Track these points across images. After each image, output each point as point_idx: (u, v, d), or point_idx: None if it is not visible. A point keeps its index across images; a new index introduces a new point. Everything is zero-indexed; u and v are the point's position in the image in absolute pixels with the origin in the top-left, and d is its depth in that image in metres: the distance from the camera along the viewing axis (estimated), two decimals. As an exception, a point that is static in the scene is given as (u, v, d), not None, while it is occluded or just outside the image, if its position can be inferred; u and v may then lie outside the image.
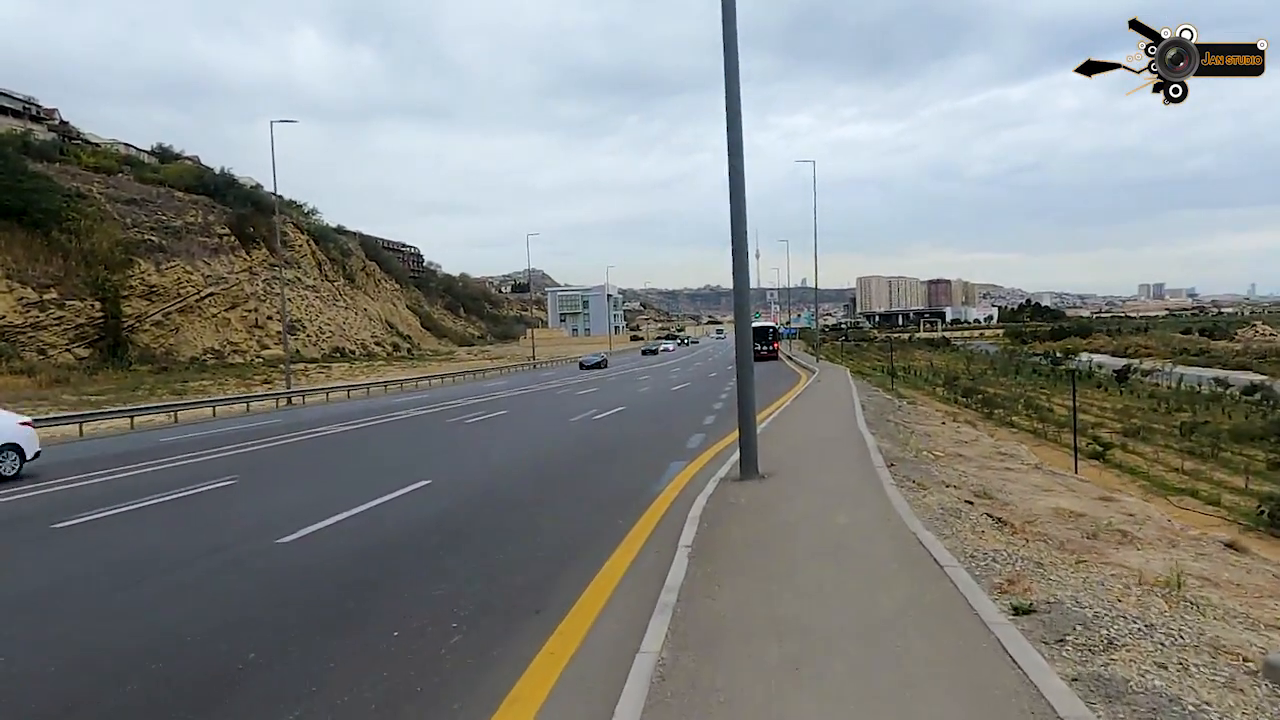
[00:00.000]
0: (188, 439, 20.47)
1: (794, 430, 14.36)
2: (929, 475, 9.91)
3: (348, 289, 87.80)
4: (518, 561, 7.20)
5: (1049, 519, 8.19)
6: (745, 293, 9.43)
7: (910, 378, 69.17)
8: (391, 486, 11.57)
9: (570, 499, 10.35)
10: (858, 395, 22.58)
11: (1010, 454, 14.19)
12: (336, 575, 7.08)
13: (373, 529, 9.03)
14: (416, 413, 25.89)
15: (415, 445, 17.52)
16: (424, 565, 7.27)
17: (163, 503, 11.17)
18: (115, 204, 68.32)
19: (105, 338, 59.33)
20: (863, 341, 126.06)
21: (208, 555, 8.03)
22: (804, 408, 20.07)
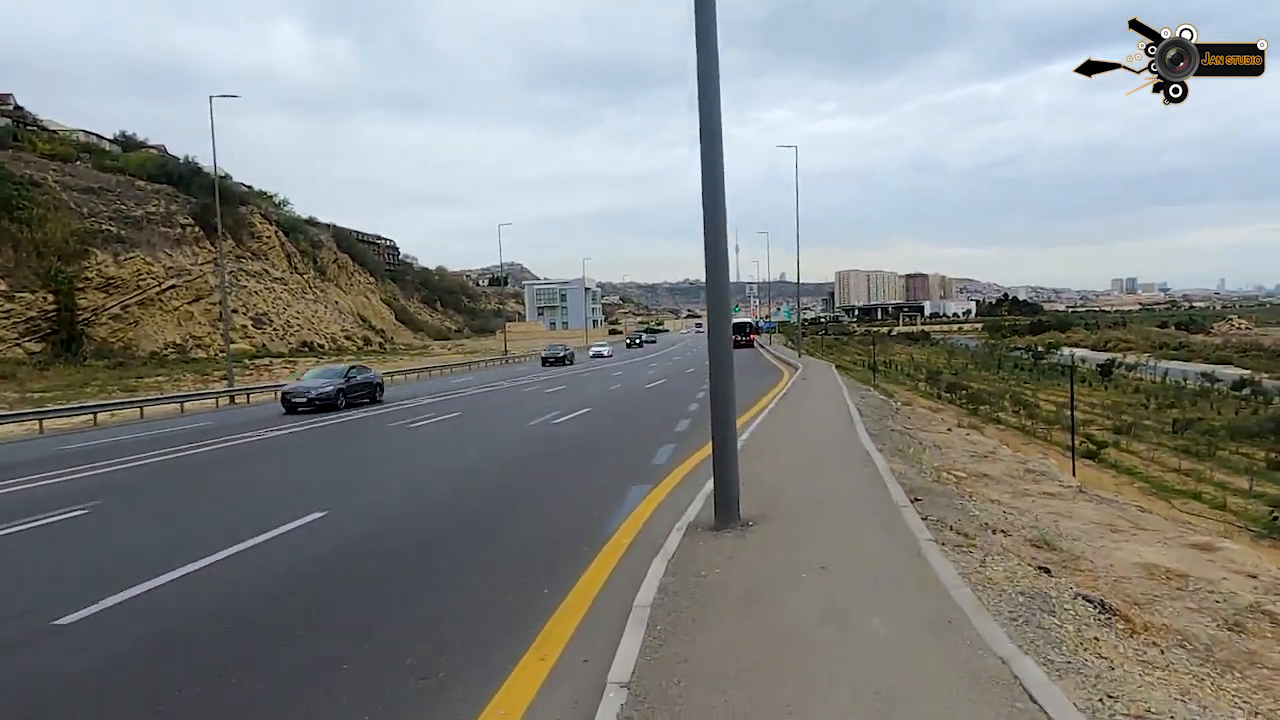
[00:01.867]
0: (85, 448, 17.61)
1: (783, 443, 11.76)
2: (967, 516, 7.35)
3: (318, 281, 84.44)
4: (351, 682, 4.56)
5: (1152, 589, 5.65)
6: (723, 275, 6.76)
7: (892, 372, 67.01)
8: (270, 522, 8.92)
9: (486, 547, 7.70)
10: (850, 397, 20.05)
11: (1041, 471, 11.71)
12: (97, 687, 4.42)
13: (197, 599, 6.36)
14: (360, 415, 23.07)
15: (334, 458, 14.78)
16: (230, 672, 4.61)
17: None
18: (72, 193, 64.71)
19: (58, 331, 55.95)
20: (843, 335, 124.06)
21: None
22: (791, 411, 17.47)
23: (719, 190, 6.64)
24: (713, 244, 6.57)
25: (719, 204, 6.59)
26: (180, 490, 12.09)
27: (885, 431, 13.79)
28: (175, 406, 29.73)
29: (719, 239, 6.66)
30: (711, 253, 6.67)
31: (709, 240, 6.65)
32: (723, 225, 6.61)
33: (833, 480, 8.60)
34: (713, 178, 6.63)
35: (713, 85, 6.67)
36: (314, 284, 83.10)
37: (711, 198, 6.51)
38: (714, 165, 6.55)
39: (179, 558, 7.46)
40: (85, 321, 58.79)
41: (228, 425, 21.60)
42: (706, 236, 6.69)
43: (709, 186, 6.66)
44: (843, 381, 27.46)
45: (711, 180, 6.53)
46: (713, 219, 6.51)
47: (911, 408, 20.71)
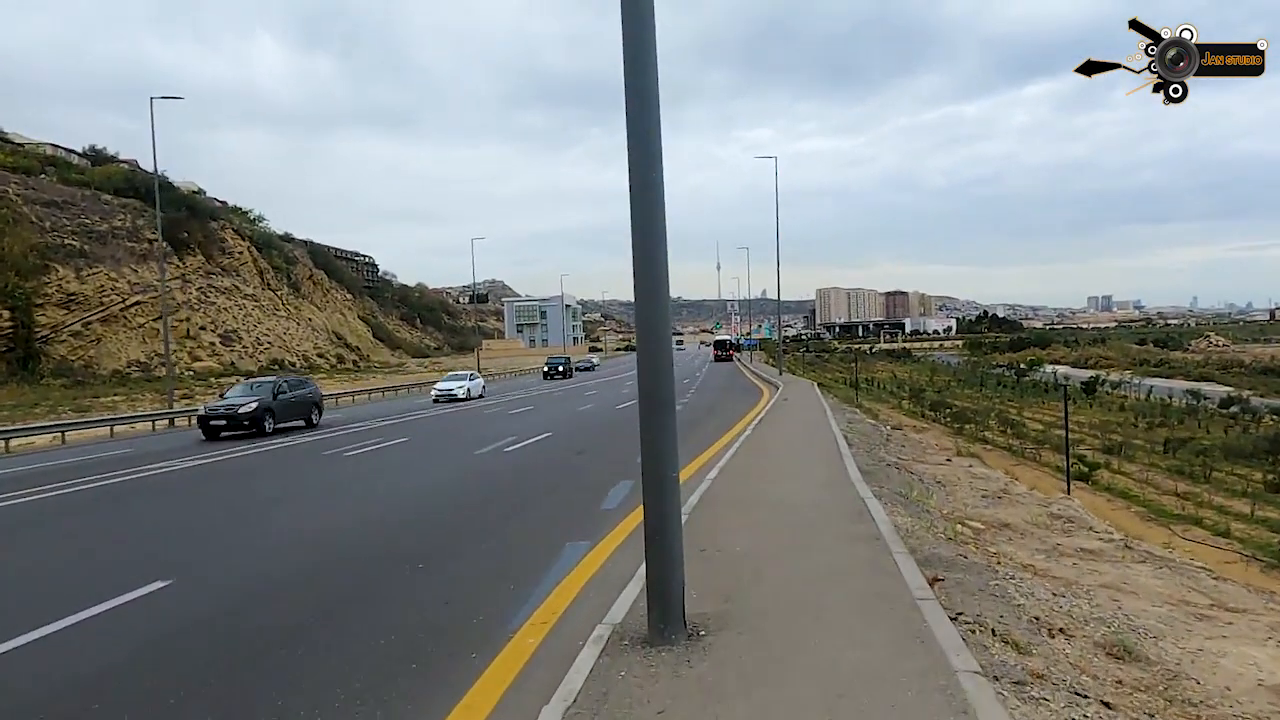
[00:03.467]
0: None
1: (758, 487, 9.47)
2: (1009, 606, 5.20)
3: (292, 298, 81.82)
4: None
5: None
6: (661, 290, 4.48)
7: (874, 390, 65.11)
8: (93, 595, 6.82)
9: (333, 650, 5.45)
10: (835, 421, 17.89)
11: (1068, 517, 9.62)
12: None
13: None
14: (290, 441, 20.69)
15: (226, 499, 12.46)
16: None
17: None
18: (33, 206, 62.01)
19: (14, 349, 53.20)
20: (824, 353, 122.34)
21: None
22: (770, 440, 15.28)
23: (655, 187, 4.43)
24: (648, 249, 4.35)
25: (655, 203, 4.37)
26: (10, 547, 9.71)
27: (879, 466, 11.63)
28: (106, 430, 27.17)
29: (656, 246, 4.45)
30: (645, 259, 4.47)
31: (641, 245, 4.45)
32: (660, 230, 4.39)
33: (821, 549, 6.39)
34: (647, 166, 4.43)
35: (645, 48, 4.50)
36: (287, 301, 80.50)
37: (646, 193, 4.25)
38: (648, 142, 4.31)
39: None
40: (44, 339, 56.05)
41: (145, 454, 19.17)
42: (637, 241, 4.50)
43: (641, 174, 4.46)
44: (826, 402, 25.34)
45: (645, 159, 4.27)
46: (647, 218, 4.27)
47: (903, 433, 18.60)
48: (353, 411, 33.32)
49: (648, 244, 4.43)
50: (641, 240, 4.44)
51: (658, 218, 4.44)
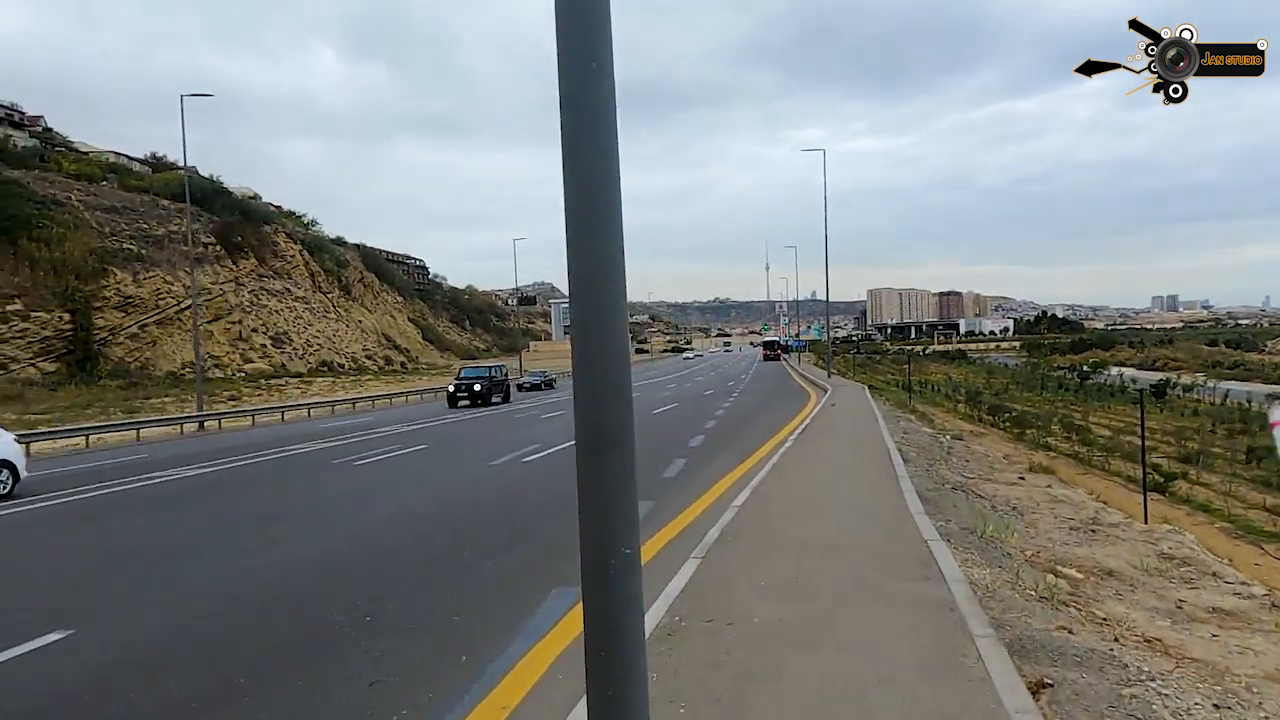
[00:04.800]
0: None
1: (791, 520, 7.53)
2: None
3: (342, 301, 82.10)
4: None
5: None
6: (613, 260, 2.84)
7: (928, 393, 62.13)
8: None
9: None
10: (888, 430, 15.89)
11: (1184, 558, 7.61)
12: None
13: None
14: (314, 447, 19.52)
15: (205, 514, 11.14)
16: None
17: None
18: (94, 212, 63.01)
19: (74, 351, 53.87)
20: (875, 354, 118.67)
21: None
22: (812, 455, 13.41)
23: (603, 81, 2.72)
24: (588, 195, 2.64)
25: (606, 122, 2.65)
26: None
27: (943, 490, 9.68)
28: (144, 432, 26.56)
29: (607, 185, 2.69)
30: (584, 210, 2.73)
31: (579, 188, 2.71)
32: (610, 155, 2.66)
33: (870, 622, 4.62)
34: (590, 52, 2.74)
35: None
36: (338, 303, 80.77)
37: (588, 96, 2.66)
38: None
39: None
40: (101, 341, 56.69)
41: (151, 462, 18.14)
42: (570, 180, 2.75)
43: (579, 67, 2.75)
44: (878, 408, 23.22)
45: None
46: (589, 128, 2.64)
47: (966, 444, 16.47)
48: (387, 414, 32.28)
49: (588, 185, 2.74)
50: (578, 182, 2.75)
51: (605, 129, 2.76)
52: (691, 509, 9.61)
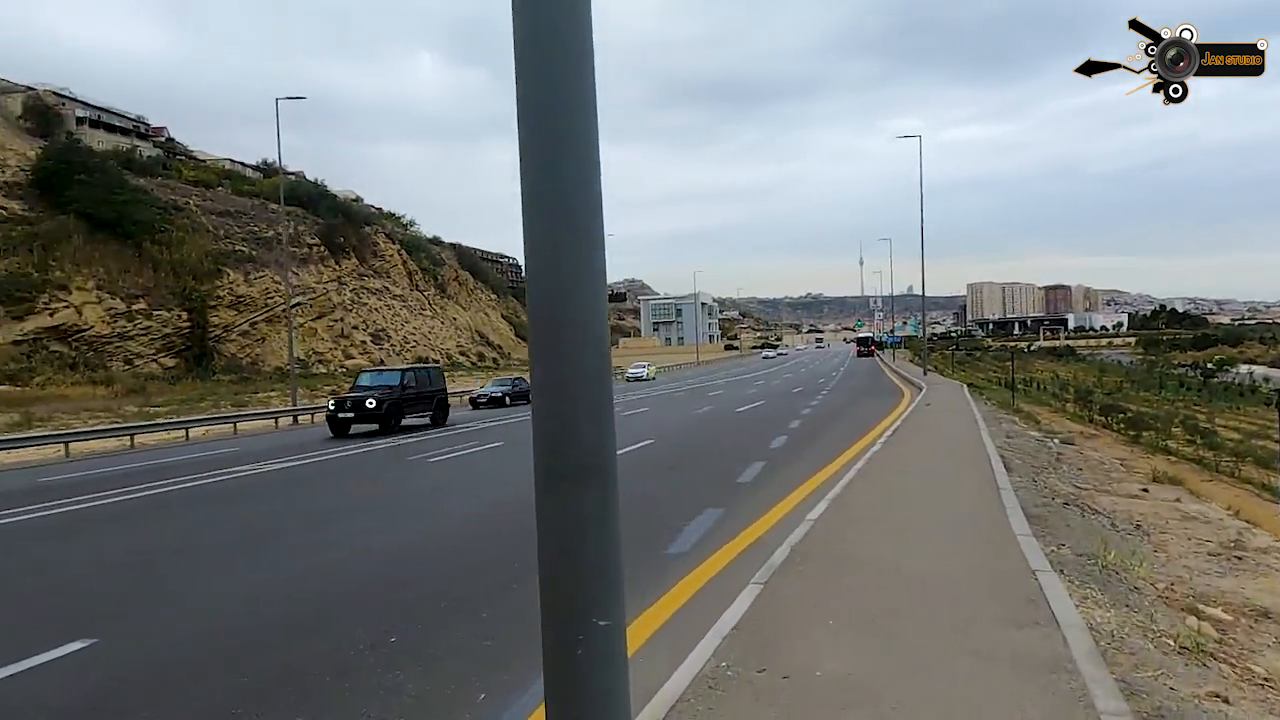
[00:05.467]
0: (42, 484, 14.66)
1: (872, 539, 6.50)
2: None
3: (438, 298, 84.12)
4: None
5: None
6: (590, 236, 2.08)
7: (1033, 392, 58.46)
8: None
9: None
10: (988, 431, 14.48)
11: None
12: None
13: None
14: (395, 442, 19.47)
15: (262, 513, 10.97)
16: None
17: None
18: (210, 216, 66.41)
19: (191, 347, 56.94)
20: (975, 351, 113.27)
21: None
22: (903, 460, 12.24)
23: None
24: (557, 150, 1.88)
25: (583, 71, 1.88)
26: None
27: (1052, 506, 8.42)
28: (255, 424, 27.51)
29: (584, 144, 1.92)
30: (548, 175, 1.96)
31: (536, 130, 1.94)
32: (588, 101, 1.89)
33: (962, 694, 3.64)
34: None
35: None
36: (434, 301, 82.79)
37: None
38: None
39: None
40: (216, 338, 59.69)
41: (235, 456, 18.44)
42: (526, 119, 1.97)
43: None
44: (977, 408, 21.54)
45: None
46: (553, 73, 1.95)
47: (1078, 450, 14.82)
48: (471, 411, 32.43)
49: (553, 129, 1.98)
50: (537, 121, 1.99)
51: (583, 73, 1.99)
52: (763, 520, 8.73)
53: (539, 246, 1.98)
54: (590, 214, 2.00)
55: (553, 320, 1.95)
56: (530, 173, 1.99)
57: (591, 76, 2.02)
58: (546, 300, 1.96)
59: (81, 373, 46.96)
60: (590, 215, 2.00)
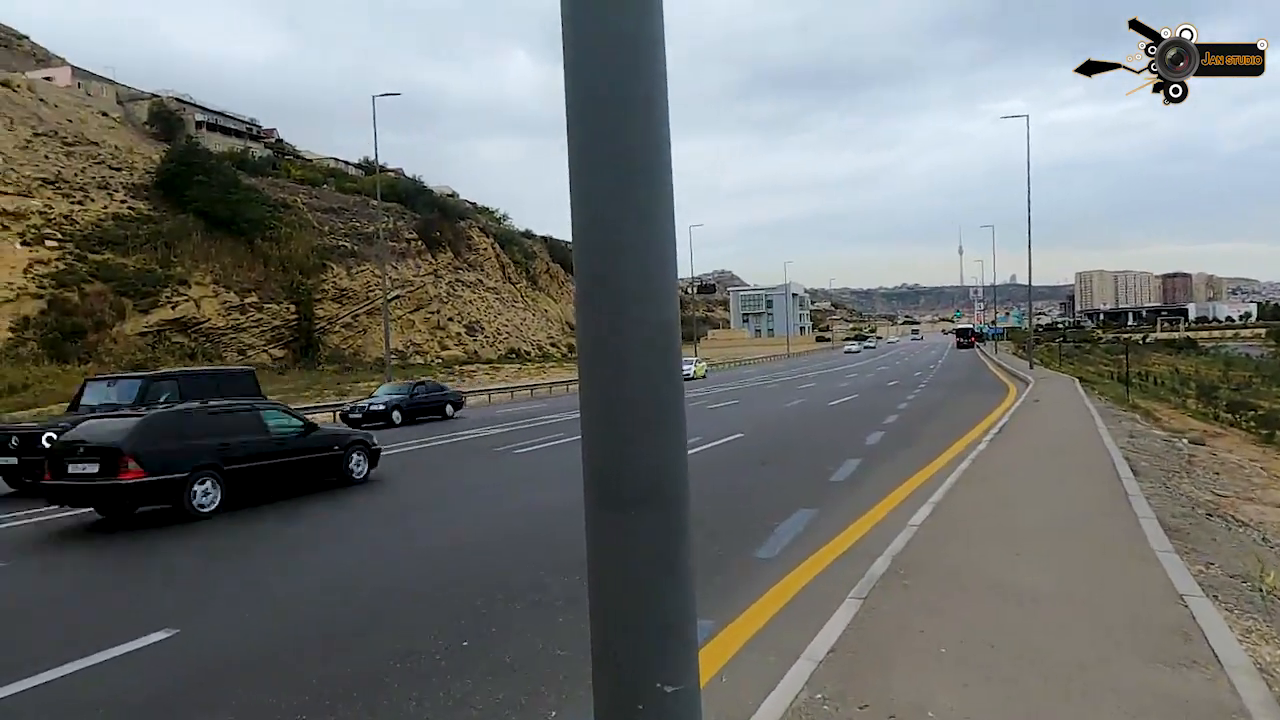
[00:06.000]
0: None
1: (983, 552, 5.69)
2: None
3: (529, 291, 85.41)
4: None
5: None
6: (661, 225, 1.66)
7: (1149, 386, 54.53)
8: (72, 648, 5.04)
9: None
10: (1106, 430, 13.27)
11: None
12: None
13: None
14: (486, 432, 19.61)
15: (356, 504, 11.02)
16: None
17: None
18: (315, 213, 69.23)
19: (298, 339, 59.52)
20: (1084, 343, 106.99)
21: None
22: (1012, 458, 11.32)
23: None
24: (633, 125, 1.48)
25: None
26: (75, 563, 8.69)
27: (1192, 516, 7.42)
28: (330, 415, 28.35)
29: (655, 122, 1.50)
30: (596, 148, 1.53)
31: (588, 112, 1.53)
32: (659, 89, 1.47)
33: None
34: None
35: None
36: (525, 293, 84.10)
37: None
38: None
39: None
40: (321, 330, 62.23)
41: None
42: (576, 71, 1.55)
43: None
44: (1092, 404, 20.02)
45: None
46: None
47: (1211, 451, 13.35)
48: (559, 401, 32.56)
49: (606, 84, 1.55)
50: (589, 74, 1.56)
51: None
52: (859, 524, 8.11)
53: (592, 227, 1.56)
54: (656, 192, 1.56)
55: (610, 315, 1.53)
56: (582, 140, 1.57)
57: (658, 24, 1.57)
58: (600, 291, 1.54)
59: (200, 362, 49.68)
60: (656, 194, 1.56)
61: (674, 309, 1.55)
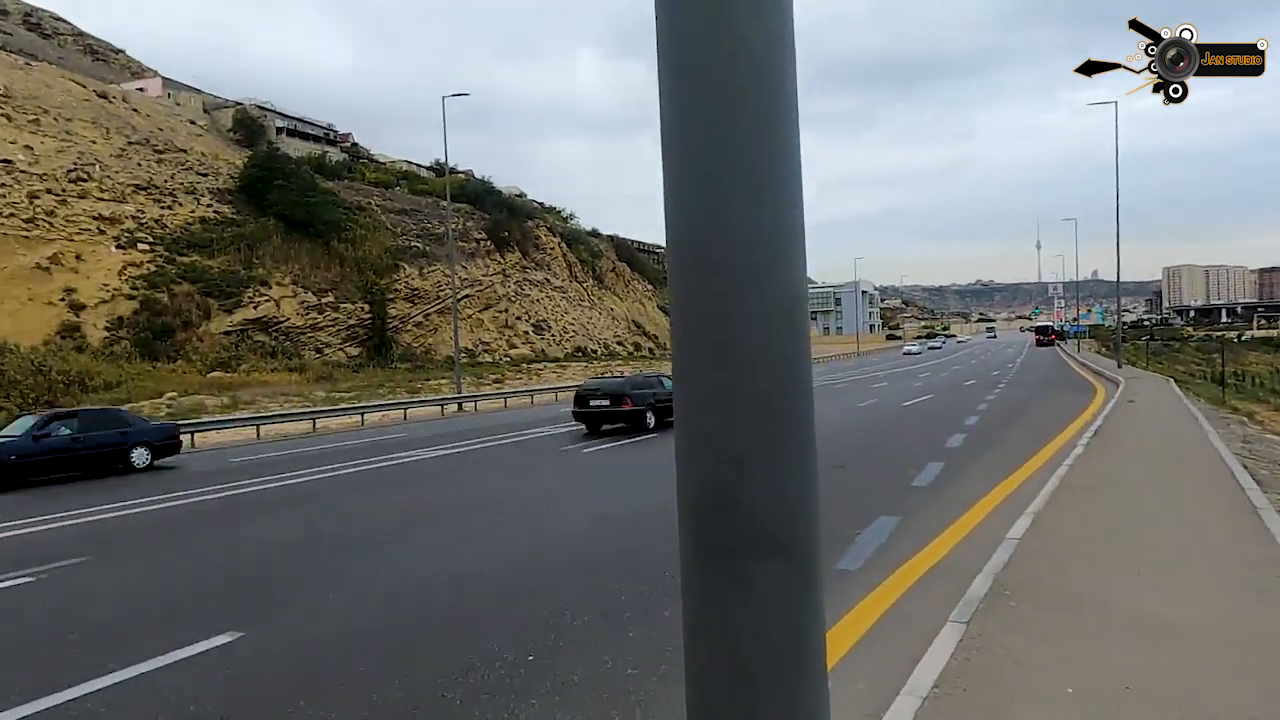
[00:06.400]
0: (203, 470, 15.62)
1: (1101, 571, 5.05)
2: None
3: (596, 290, 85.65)
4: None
5: None
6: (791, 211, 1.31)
7: (1246, 387, 51.21)
8: (142, 648, 4.99)
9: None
10: (1217, 435, 12.19)
11: None
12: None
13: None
14: (551, 430, 19.44)
15: (420, 501, 10.90)
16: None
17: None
18: (388, 214, 70.81)
19: (372, 337, 60.95)
20: (1173, 341, 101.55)
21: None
22: (1115, 464, 10.46)
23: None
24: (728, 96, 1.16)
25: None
26: (118, 565, 8.71)
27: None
28: (417, 411, 28.82)
29: (784, 80, 1.10)
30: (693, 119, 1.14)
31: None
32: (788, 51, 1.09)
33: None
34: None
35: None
36: (592, 292, 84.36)
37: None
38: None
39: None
40: (393, 329, 63.60)
41: (401, 442, 19.02)
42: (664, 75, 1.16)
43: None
44: (1194, 407, 18.68)
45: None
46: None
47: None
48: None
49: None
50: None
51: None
52: (948, 534, 7.53)
53: (693, 191, 1.17)
54: (782, 139, 1.16)
55: (716, 293, 1.13)
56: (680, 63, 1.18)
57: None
58: (699, 257, 1.14)
59: (279, 360, 51.26)
60: (782, 142, 1.16)
61: (801, 283, 1.15)
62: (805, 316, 1.17)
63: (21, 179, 44.77)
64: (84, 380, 34.17)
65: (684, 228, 1.14)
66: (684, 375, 1.13)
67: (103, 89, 59.13)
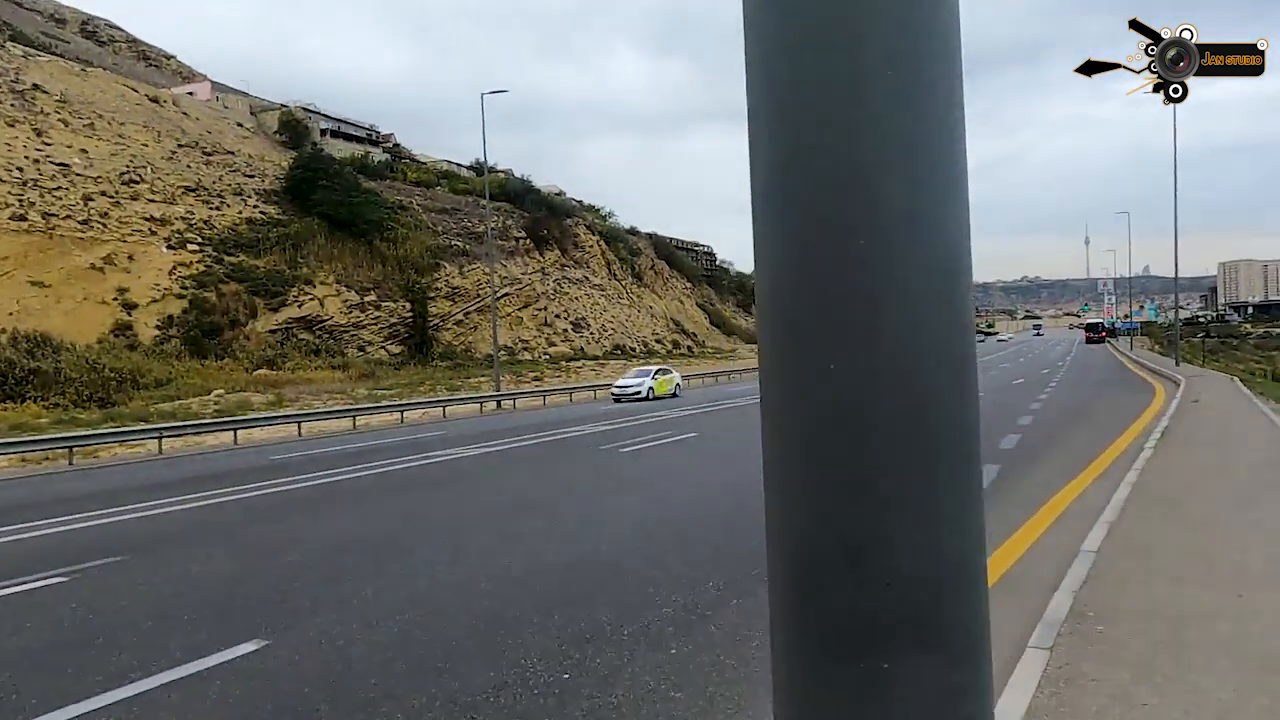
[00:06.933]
0: (236, 467, 15.59)
1: (1196, 592, 4.56)
2: None
3: (634, 287, 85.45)
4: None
5: None
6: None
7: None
8: (157, 659, 4.78)
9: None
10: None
11: None
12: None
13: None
14: (589, 429, 19.16)
15: (457, 502, 10.65)
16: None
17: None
18: (429, 213, 71.38)
19: (413, 336, 61.47)
20: (1230, 338, 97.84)
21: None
22: (1190, 469, 9.78)
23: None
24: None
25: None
26: (139, 567, 8.55)
27: None
28: (461, 408, 28.85)
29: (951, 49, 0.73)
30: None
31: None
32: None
33: None
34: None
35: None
36: (630, 290, 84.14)
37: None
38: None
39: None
40: (434, 327, 64.09)
41: (439, 441, 18.89)
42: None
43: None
44: (1265, 406, 17.68)
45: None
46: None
47: None
48: (699, 394, 31.99)
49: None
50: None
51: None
52: (1011, 544, 7.01)
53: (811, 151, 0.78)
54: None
55: (843, 293, 0.74)
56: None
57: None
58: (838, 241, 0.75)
59: (323, 358, 51.92)
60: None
61: (967, 254, 0.75)
62: (971, 302, 0.77)
63: (77, 182, 45.95)
64: (135, 378, 34.86)
65: (784, 145, 0.76)
66: (780, 379, 0.74)
67: (154, 93, 60.51)
